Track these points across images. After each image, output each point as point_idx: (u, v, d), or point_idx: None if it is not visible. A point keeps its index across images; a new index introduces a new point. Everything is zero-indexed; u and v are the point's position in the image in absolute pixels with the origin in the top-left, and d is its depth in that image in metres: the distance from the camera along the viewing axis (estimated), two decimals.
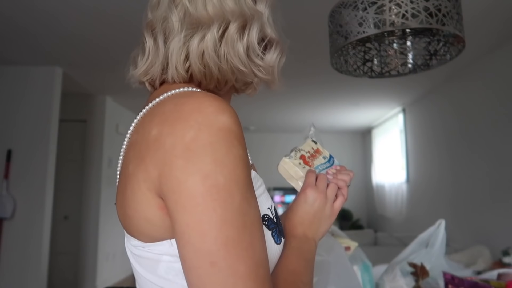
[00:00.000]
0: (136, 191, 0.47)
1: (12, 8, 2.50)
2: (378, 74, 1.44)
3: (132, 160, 0.48)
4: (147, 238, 0.49)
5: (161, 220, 0.46)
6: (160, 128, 0.45)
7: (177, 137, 0.43)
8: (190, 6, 0.53)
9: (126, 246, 0.56)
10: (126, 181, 0.49)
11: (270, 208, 0.54)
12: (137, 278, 0.56)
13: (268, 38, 0.57)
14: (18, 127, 3.54)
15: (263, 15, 0.56)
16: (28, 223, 3.44)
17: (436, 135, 4.31)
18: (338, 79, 3.26)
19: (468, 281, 0.96)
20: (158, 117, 0.47)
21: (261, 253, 0.43)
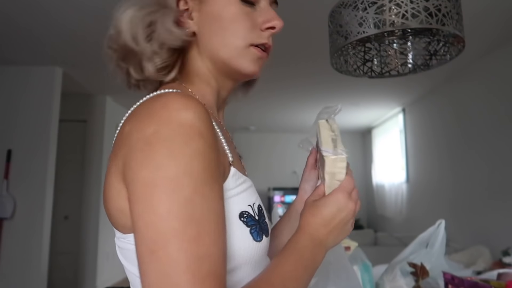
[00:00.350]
0: (111, 184, 0.50)
1: (12, 8, 2.50)
2: (378, 74, 1.44)
3: (110, 156, 0.51)
4: (125, 229, 0.51)
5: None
6: (131, 125, 0.48)
7: (141, 132, 0.45)
8: None
9: (115, 240, 0.57)
10: (106, 175, 0.52)
11: (252, 205, 0.54)
12: (127, 274, 0.56)
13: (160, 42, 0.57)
14: (18, 127, 3.54)
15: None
16: (28, 223, 3.44)
17: (436, 135, 4.31)
18: (338, 79, 3.26)
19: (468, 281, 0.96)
20: (132, 116, 0.50)
21: (209, 248, 0.42)
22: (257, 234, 0.52)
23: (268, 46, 0.61)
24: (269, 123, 6.35)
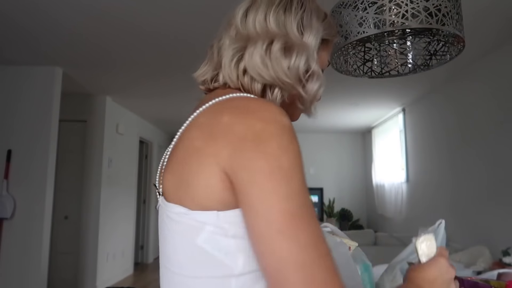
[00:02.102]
0: (203, 163, 0.53)
1: (12, 9, 2.50)
2: (378, 74, 1.44)
3: (200, 137, 0.55)
4: (197, 205, 0.54)
5: (219, 191, 0.52)
6: (230, 117, 0.54)
7: (247, 126, 0.52)
8: (241, 26, 0.66)
9: (163, 215, 0.59)
10: (191, 153, 0.55)
11: None
12: (166, 249, 0.59)
13: (311, 70, 0.65)
14: (18, 127, 3.54)
15: (309, 47, 0.65)
16: (28, 223, 3.44)
17: (436, 135, 4.31)
18: (338, 79, 3.26)
19: (468, 281, 0.96)
20: (228, 109, 0.55)
21: (319, 231, 0.49)
22: None
23: None
24: None
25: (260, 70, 0.61)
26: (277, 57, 0.62)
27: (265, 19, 0.64)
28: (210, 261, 0.53)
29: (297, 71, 0.63)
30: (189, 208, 0.54)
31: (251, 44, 0.63)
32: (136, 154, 5.77)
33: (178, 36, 2.90)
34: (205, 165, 0.53)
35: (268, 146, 0.50)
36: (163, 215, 0.60)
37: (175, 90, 4.28)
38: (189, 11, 2.50)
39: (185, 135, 0.58)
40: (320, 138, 7.05)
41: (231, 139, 0.51)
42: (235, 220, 0.52)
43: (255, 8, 0.66)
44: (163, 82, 4.02)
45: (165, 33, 2.84)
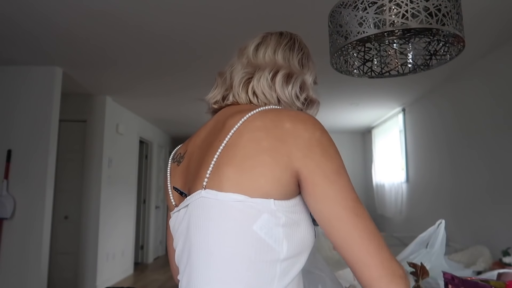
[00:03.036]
0: (278, 160, 0.64)
1: (12, 9, 2.50)
2: (378, 74, 1.44)
3: (267, 139, 0.65)
4: (258, 193, 0.62)
5: (287, 183, 0.64)
6: (292, 124, 0.66)
7: (309, 132, 0.66)
8: (252, 56, 0.83)
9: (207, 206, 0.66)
10: (261, 151, 0.64)
11: None
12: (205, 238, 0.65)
13: (309, 98, 0.82)
14: (18, 127, 3.54)
15: (306, 76, 0.83)
16: (28, 223, 3.44)
17: (436, 135, 4.31)
18: (338, 79, 3.26)
19: (468, 281, 0.96)
20: (286, 117, 0.68)
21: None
22: (315, 234, 0.70)
23: None
24: None
25: (266, 92, 0.76)
26: (280, 83, 0.77)
27: (274, 53, 0.82)
28: (262, 246, 0.62)
29: (295, 94, 0.78)
30: (249, 196, 0.62)
31: (259, 71, 0.78)
32: (136, 154, 5.77)
33: (177, 37, 2.90)
34: (280, 161, 0.63)
35: (330, 149, 0.66)
36: (207, 206, 0.65)
37: (175, 90, 4.27)
38: (187, 11, 2.50)
39: (244, 136, 0.67)
40: None
41: (301, 144, 0.64)
42: (285, 208, 0.63)
43: (265, 44, 0.84)
44: (163, 82, 4.02)
45: (164, 34, 2.84)
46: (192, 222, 0.67)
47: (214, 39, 2.93)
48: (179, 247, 0.73)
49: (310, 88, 0.84)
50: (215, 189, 0.64)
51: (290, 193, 0.64)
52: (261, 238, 0.62)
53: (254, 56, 0.82)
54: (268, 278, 0.62)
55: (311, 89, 0.84)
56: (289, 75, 0.78)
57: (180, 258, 0.72)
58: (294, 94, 0.78)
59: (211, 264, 0.64)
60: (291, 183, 0.64)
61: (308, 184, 0.64)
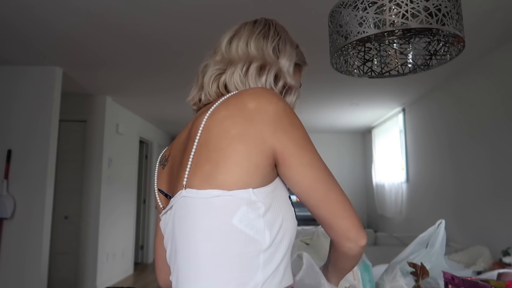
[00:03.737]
0: (250, 144, 0.63)
1: (11, 11, 2.50)
2: (378, 74, 1.44)
3: (234, 125, 0.65)
4: (235, 185, 0.62)
5: (263, 167, 0.64)
6: (256, 101, 0.66)
7: (274, 105, 0.66)
8: (225, 52, 0.81)
9: (188, 205, 0.66)
10: (231, 140, 0.64)
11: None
12: (202, 234, 0.64)
13: (288, 85, 0.79)
14: (18, 127, 3.53)
15: (283, 62, 0.80)
16: (28, 223, 3.44)
17: (436, 135, 4.31)
18: (338, 79, 3.26)
19: (468, 281, 0.96)
20: (247, 97, 0.67)
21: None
22: (295, 215, 0.70)
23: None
24: None
25: (238, 86, 0.75)
26: (253, 76, 0.75)
27: (246, 45, 0.79)
28: (244, 238, 0.61)
29: (269, 85, 0.76)
30: (226, 189, 0.62)
31: (232, 66, 0.77)
32: (136, 154, 5.77)
33: (176, 37, 2.90)
34: (252, 145, 0.63)
35: (294, 118, 0.67)
36: (188, 205, 0.65)
37: (175, 90, 4.27)
38: (185, 15, 2.50)
39: (213, 129, 0.66)
40: (320, 138, 7.05)
41: (268, 119, 0.64)
42: (264, 196, 0.62)
43: (238, 36, 0.81)
44: (162, 82, 4.02)
45: (163, 34, 2.84)
46: (176, 223, 0.68)
47: (214, 40, 2.93)
48: (168, 247, 0.73)
49: (288, 74, 0.81)
50: (194, 187, 0.65)
51: (268, 177, 0.64)
52: (242, 231, 0.61)
53: (228, 51, 0.80)
54: (252, 269, 0.62)
55: (289, 75, 0.81)
56: (262, 67, 0.77)
57: (169, 258, 0.73)
58: (268, 85, 0.76)
59: (195, 261, 0.64)
60: (267, 166, 0.64)
61: (284, 157, 0.64)
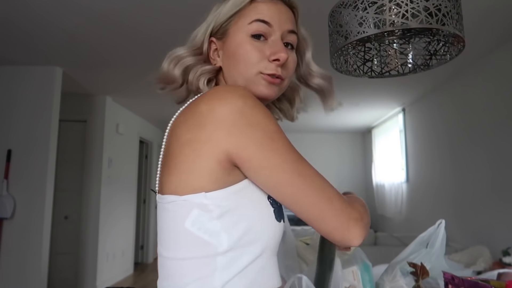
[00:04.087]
0: (200, 150, 0.61)
1: (10, 10, 2.50)
2: (378, 74, 1.44)
3: (188, 130, 0.63)
4: (188, 189, 0.61)
5: (216, 171, 0.61)
6: (208, 104, 0.62)
7: (229, 106, 0.60)
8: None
9: (159, 209, 0.67)
10: (185, 145, 0.62)
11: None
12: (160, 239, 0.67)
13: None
14: (18, 127, 3.53)
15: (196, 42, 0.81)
16: (28, 223, 3.44)
17: (436, 135, 4.31)
18: (338, 79, 3.26)
19: (468, 281, 0.96)
20: (201, 100, 0.64)
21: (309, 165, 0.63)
22: (278, 215, 0.65)
23: (278, 75, 0.71)
24: None
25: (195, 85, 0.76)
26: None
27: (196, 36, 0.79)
28: (197, 241, 0.61)
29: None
30: (179, 194, 0.62)
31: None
32: (136, 154, 5.77)
33: (176, 37, 2.89)
34: (202, 151, 0.60)
35: (255, 117, 0.60)
36: (159, 209, 0.67)
37: None
38: (186, 14, 2.50)
39: (172, 135, 0.66)
40: (320, 138, 7.05)
41: (220, 122, 0.60)
42: (220, 200, 0.60)
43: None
44: None
45: (163, 34, 2.84)
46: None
47: None
48: None
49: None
50: (160, 193, 0.67)
51: (225, 181, 0.61)
52: (195, 234, 0.61)
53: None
54: (208, 271, 0.61)
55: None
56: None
57: None
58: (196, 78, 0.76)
59: (162, 263, 0.67)
60: (220, 170, 0.61)
61: (243, 160, 0.61)
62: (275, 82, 0.71)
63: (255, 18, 0.71)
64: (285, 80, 0.74)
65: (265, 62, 0.70)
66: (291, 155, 0.61)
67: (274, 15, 0.72)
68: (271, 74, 0.70)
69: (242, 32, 0.72)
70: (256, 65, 0.70)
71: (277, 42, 0.71)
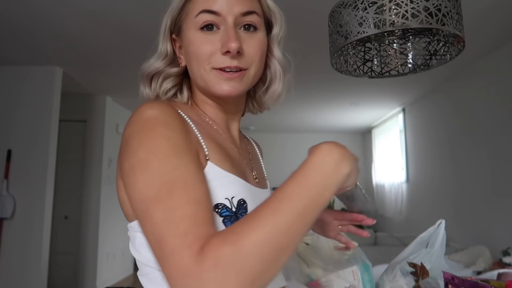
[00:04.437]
0: (117, 179, 0.61)
1: (11, 10, 2.50)
2: (378, 74, 1.44)
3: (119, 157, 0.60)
4: (129, 217, 0.62)
5: (125, 201, 0.59)
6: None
7: (127, 128, 0.56)
8: None
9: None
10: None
11: (230, 198, 0.59)
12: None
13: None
14: (18, 127, 3.53)
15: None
16: (28, 223, 3.44)
17: (437, 135, 4.31)
18: (338, 79, 3.26)
19: (468, 281, 0.96)
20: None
21: (184, 202, 0.47)
22: (232, 223, 0.56)
23: (236, 67, 0.63)
24: (269, 123, 6.35)
25: None
26: None
27: None
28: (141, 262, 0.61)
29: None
30: (128, 221, 0.62)
31: None
32: None
33: None
34: (119, 181, 0.60)
35: (130, 146, 0.53)
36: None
37: None
38: None
39: None
40: (320, 138, 7.00)
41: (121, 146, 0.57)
42: None
43: None
44: None
45: None
46: None
47: None
48: None
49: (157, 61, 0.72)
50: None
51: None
52: (141, 253, 0.60)
53: None
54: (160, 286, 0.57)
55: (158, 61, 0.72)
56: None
57: None
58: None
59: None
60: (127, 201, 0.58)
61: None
62: (232, 77, 0.63)
63: (200, 10, 0.63)
64: (249, 69, 0.65)
65: (218, 56, 0.63)
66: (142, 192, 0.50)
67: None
68: (224, 67, 0.63)
69: (191, 27, 0.65)
70: (207, 60, 0.63)
71: (228, 31, 0.63)
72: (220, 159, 0.62)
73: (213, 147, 0.63)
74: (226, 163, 0.63)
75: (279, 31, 0.72)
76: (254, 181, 0.71)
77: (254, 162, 0.79)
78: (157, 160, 0.50)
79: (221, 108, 0.72)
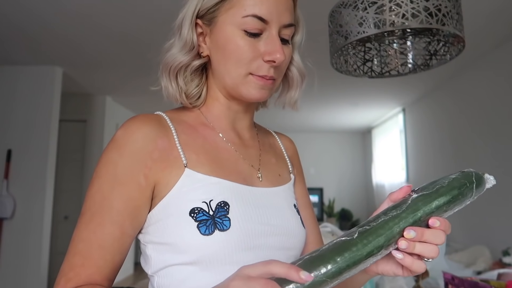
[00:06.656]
0: None
1: (11, 10, 2.50)
2: (378, 74, 1.44)
3: None
4: None
5: None
6: None
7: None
8: None
9: None
10: None
11: (208, 202, 0.59)
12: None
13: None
14: (18, 127, 3.53)
15: (169, 54, 0.76)
16: (28, 223, 3.44)
17: (436, 135, 4.31)
18: (338, 79, 3.26)
19: (468, 281, 0.96)
20: None
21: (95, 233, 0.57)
22: (206, 229, 0.57)
23: (270, 77, 0.63)
24: (269, 123, 6.29)
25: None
26: None
27: None
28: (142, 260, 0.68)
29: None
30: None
31: None
32: None
33: None
34: None
35: (101, 158, 0.61)
36: None
37: None
38: None
39: None
40: (320, 138, 7.05)
41: None
42: (143, 235, 0.65)
43: None
44: None
45: (163, 34, 2.84)
46: None
47: None
48: None
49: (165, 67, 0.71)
50: None
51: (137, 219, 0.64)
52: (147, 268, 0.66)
53: None
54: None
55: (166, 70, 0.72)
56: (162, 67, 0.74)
57: None
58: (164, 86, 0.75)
59: None
60: None
61: None
62: (267, 84, 0.64)
63: (250, 13, 0.60)
64: (278, 79, 0.67)
65: (258, 62, 0.62)
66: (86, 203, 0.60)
67: (271, 6, 0.61)
68: (263, 75, 0.63)
69: (233, 24, 0.62)
70: (248, 64, 0.62)
71: (273, 40, 0.62)
72: (203, 164, 0.63)
73: (197, 152, 0.65)
74: (209, 167, 0.64)
75: (301, 38, 0.74)
76: (255, 180, 0.69)
77: (265, 160, 0.75)
78: (97, 184, 0.59)
79: (231, 107, 0.71)
